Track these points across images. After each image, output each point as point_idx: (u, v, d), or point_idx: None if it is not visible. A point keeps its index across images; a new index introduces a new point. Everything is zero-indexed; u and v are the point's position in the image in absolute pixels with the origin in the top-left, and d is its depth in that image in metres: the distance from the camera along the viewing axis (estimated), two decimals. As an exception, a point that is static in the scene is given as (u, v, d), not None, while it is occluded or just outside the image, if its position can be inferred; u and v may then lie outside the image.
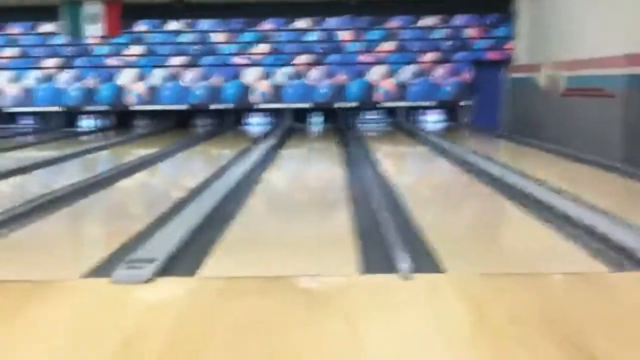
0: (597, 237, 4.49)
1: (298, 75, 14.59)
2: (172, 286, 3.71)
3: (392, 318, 3.20)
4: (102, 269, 4.04)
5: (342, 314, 3.25)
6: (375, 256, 4.28)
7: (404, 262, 3.77)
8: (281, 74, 14.56)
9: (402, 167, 9.70)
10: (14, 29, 14.68)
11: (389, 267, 3.91)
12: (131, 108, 14.92)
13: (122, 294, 3.54)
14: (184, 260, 4.26)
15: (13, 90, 14.90)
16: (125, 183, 7.80)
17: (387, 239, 4.39)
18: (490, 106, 14.48)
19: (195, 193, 6.64)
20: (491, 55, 14.35)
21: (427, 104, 14.75)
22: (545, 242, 4.64)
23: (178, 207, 5.94)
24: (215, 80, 14.66)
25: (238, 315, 3.28)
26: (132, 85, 14.80)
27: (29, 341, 3.00)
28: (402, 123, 14.69)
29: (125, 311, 3.33)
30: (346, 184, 7.14)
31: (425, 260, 4.09)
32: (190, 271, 4.02)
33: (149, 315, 3.33)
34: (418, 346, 2.89)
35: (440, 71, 14.49)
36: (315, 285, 3.65)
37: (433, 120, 15.20)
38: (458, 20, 14.34)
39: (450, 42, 14.37)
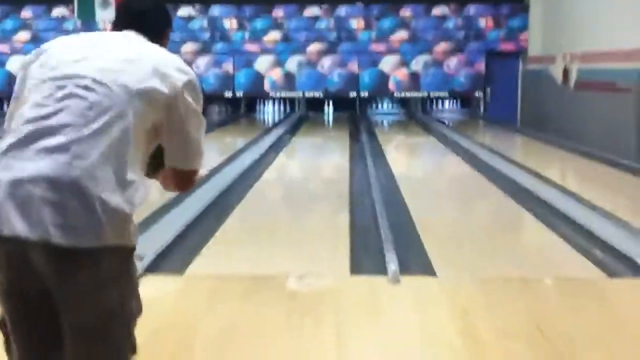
0: (598, 243, 4.40)
1: (310, 64, 14.48)
2: (160, 284, 3.66)
3: (376, 324, 3.14)
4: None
5: (327, 318, 3.20)
6: (368, 256, 4.23)
7: (392, 265, 3.71)
8: (293, 62, 14.45)
9: (411, 161, 9.61)
10: (28, 12, 14.68)
11: (380, 267, 3.86)
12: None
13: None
14: (177, 254, 4.23)
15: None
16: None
17: (381, 239, 4.32)
18: (505, 97, 14.29)
19: (203, 181, 6.61)
20: (505, 46, 14.15)
21: (440, 94, 14.59)
22: (547, 246, 4.56)
23: (182, 196, 5.91)
24: (228, 67, 14.59)
25: (223, 317, 3.24)
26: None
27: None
28: (415, 113, 14.56)
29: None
30: (351, 177, 7.08)
31: (417, 263, 4.02)
32: (182, 265, 3.99)
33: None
34: (400, 355, 2.84)
35: (453, 61, 14.31)
36: (302, 286, 3.60)
37: (446, 111, 15.06)
38: (472, 9, 14.13)
39: (463, 32, 14.18)
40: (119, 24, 1.95)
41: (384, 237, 4.28)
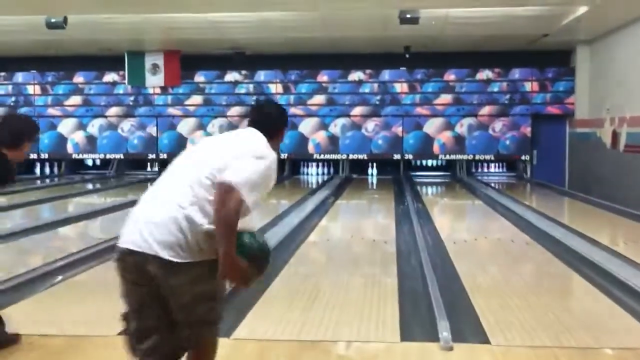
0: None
1: (354, 127, 14.57)
2: (206, 347, 3.61)
3: (428, 392, 3.04)
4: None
5: (377, 385, 3.11)
6: (418, 321, 4.13)
7: (445, 331, 3.61)
8: (337, 125, 14.56)
9: (457, 224, 9.47)
10: (80, 78, 15.13)
11: (431, 333, 3.76)
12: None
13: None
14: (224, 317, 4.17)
15: (78, 138, 15.27)
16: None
17: (431, 303, 4.23)
18: (552, 160, 14.15)
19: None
20: (551, 110, 14.07)
21: (486, 157, 14.51)
22: (602, 312, 4.40)
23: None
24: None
25: (269, 382, 3.17)
26: (193, 134, 14.98)
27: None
28: (460, 176, 14.47)
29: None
30: (397, 239, 7.00)
31: (470, 329, 3.91)
32: (229, 329, 3.94)
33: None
34: None
35: (499, 125, 14.27)
36: (351, 352, 3.52)
37: (492, 174, 14.94)
38: (517, 73, 14.13)
39: (508, 96, 14.16)
40: (250, 120, 2.82)
41: (434, 302, 4.18)
